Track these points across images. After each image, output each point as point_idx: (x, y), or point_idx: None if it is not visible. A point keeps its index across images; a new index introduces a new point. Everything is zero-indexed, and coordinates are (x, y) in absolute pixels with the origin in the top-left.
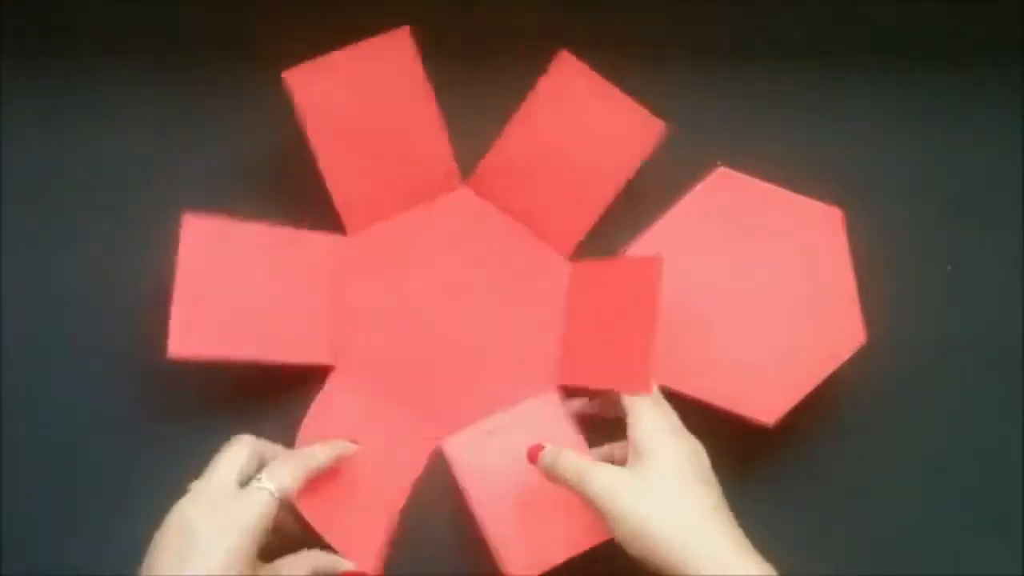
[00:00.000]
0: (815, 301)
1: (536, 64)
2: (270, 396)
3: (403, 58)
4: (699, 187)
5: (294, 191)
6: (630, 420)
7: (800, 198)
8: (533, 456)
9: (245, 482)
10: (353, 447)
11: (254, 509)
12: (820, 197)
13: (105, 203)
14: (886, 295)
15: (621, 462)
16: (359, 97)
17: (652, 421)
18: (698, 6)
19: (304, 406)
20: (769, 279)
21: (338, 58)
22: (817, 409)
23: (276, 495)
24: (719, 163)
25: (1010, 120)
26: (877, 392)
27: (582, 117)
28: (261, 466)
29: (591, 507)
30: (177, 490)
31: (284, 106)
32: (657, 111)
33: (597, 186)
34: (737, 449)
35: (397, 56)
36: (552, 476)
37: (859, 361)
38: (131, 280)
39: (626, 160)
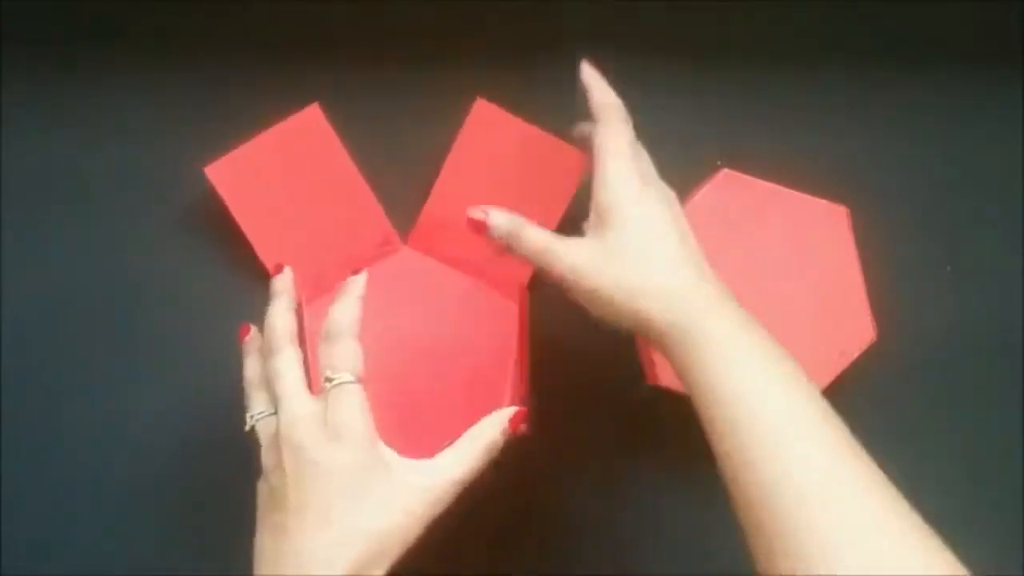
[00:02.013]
0: (824, 298)
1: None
2: None
3: (318, 134)
4: (704, 189)
5: None
6: (598, 179)
7: (805, 197)
8: (477, 226)
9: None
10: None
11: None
12: (820, 198)
13: (105, 203)
14: (885, 295)
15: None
16: (282, 180)
17: (621, 180)
18: (699, 6)
19: None
20: (778, 278)
21: (255, 145)
22: None
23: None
24: (720, 164)
25: (1011, 120)
26: (877, 391)
27: (507, 160)
28: None
29: (554, 281)
30: None
31: (286, 107)
32: (657, 111)
33: None
34: None
35: (312, 134)
36: (509, 250)
37: (861, 360)
38: (131, 281)
39: (557, 196)
